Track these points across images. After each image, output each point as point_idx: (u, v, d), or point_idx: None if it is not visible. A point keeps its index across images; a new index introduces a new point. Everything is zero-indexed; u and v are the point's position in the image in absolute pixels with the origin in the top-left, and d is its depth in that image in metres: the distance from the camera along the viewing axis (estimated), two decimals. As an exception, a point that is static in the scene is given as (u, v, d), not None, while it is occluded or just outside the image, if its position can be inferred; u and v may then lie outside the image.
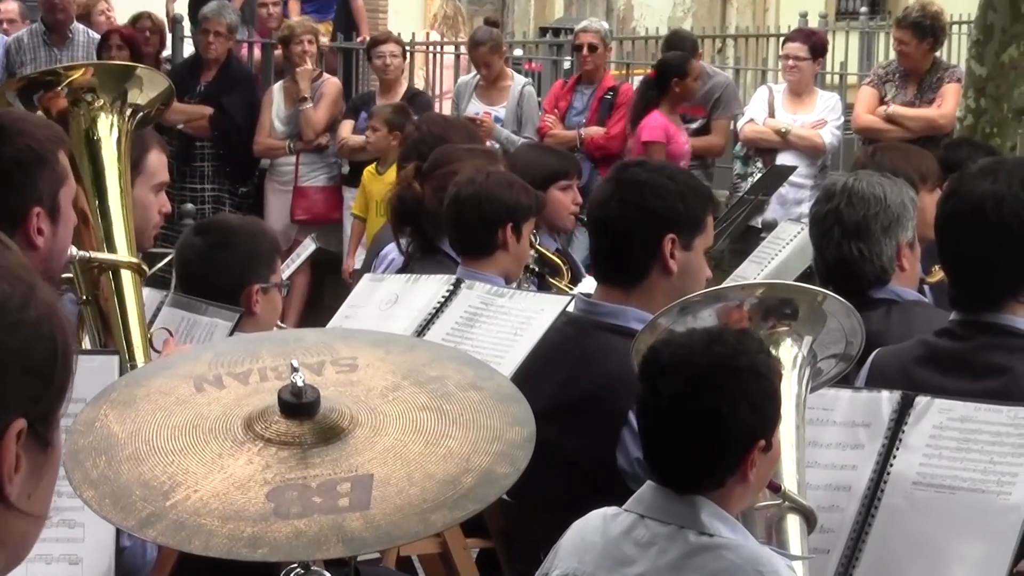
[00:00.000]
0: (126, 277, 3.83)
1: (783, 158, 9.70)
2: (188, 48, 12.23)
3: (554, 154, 6.49)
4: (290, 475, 2.40)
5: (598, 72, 10.74)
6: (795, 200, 9.45)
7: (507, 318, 4.29)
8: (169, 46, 12.07)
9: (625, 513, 3.03)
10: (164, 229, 4.88)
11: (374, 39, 11.07)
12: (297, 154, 10.75)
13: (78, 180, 3.53)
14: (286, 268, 5.88)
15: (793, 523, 3.15)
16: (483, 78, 10.69)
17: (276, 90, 10.95)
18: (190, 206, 10.26)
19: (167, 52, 12.02)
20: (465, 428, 2.50)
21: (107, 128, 3.83)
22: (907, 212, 4.34)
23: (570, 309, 4.16)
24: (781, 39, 11.97)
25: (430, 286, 4.58)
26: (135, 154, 3.99)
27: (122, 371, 3.22)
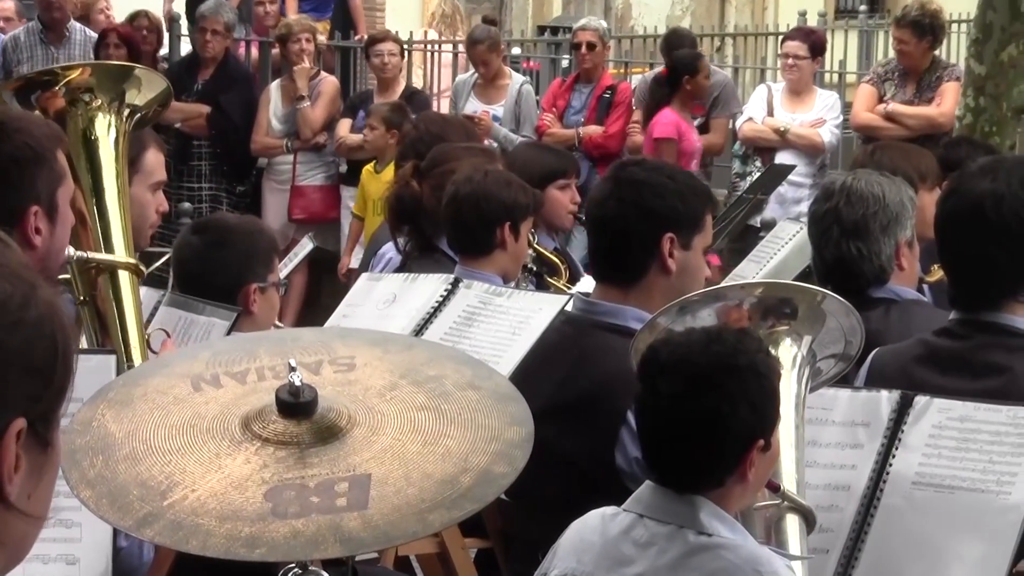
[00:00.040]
0: (123, 278, 3.82)
1: (782, 157, 9.69)
2: (185, 47, 12.22)
3: (552, 153, 6.49)
4: (288, 475, 2.39)
5: (596, 71, 10.74)
6: (794, 199, 9.44)
7: (505, 317, 4.28)
8: (166, 45, 12.06)
9: (624, 513, 3.02)
10: (161, 228, 4.87)
11: (372, 37, 11.06)
12: (295, 153, 10.74)
13: (76, 180, 3.52)
14: (284, 267, 5.86)
15: (792, 523, 3.15)
16: (481, 76, 10.68)
17: (273, 89, 10.93)
18: (187, 205, 10.24)
19: (164, 51, 12.01)
20: (463, 428, 2.50)
21: (105, 128, 3.82)
22: (906, 211, 4.34)
23: (568, 308, 4.15)
24: (780, 38, 11.96)
25: (428, 285, 4.57)
26: (132, 153, 3.98)
27: (119, 372, 3.21)
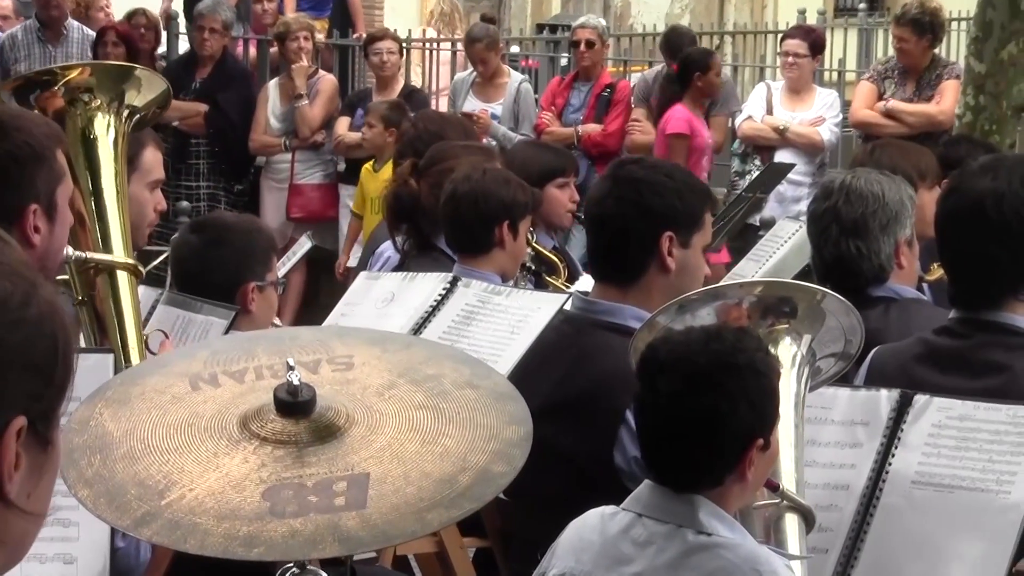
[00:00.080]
0: (122, 278, 3.81)
1: (781, 155, 9.69)
2: (183, 45, 12.22)
3: (551, 151, 6.48)
4: (286, 474, 2.39)
5: (595, 69, 10.73)
6: (793, 198, 9.43)
7: (504, 316, 4.27)
8: (164, 43, 12.05)
9: (623, 512, 3.01)
10: (159, 227, 4.86)
11: (371, 36, 11.05)
12: (293, 151, 10.73)
13: (75, 180, 3.51)
14: (282, 266, 5.87)
15: (791, 522, 3.14)
16: (480, 75, 10.67)
17: (272, 87, 10.93)
18: (185, 204, 10.23)
19: (162, 49, 12.00)
20: (462, 427, 2.49)
21: (104, 128, 3.81)
22: (905, 210, 4.33)
23: (567, 307, 4.15)
24: (779, 36, 11.96)
25: (427, 284, 4.57)
26: (130, 151, 3.97)
27: (117, 372, 3.21)
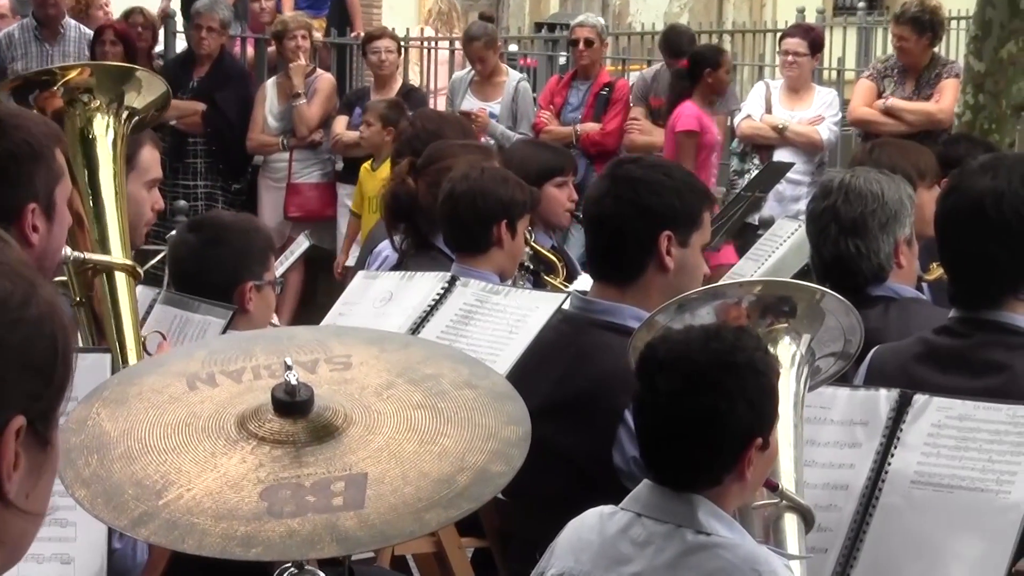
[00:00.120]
0: (120, 279, 3.80)
1: (780, 154, 9.68)
2: (181, 44, 12.20)
3: (549, 150, 6.48)
4: (284, 474, 2.38)
5: (594, 68, 10.73)
6: (792, 197, 9.43)
7: (502, 316, 4.27)
8: (161, 42, 12.04)
9: (621, 512, 3.01)
10: (157, 226, 4.85)
11: (369, 34, 11.05)
12: (290, 150, 10.72)
13: (73, 181, 3.50)
14: (279, 265, 5.85)
15: (791, 522, 3.13)
16: (478, 74, 10.66)
17: (269, 86, 10.92)
18: (183, 203, 10.23)
19: (159, 48, 11.99)
20: (460, 426, 2.48)
21: (103, 129, 3.80)
22: (905, 209, 4.33)
23: (566, 307, 4.14)
24: (778, 35, 11.95)
25: (425, 283, 4.56)
26: (128, 150, 3.96)
27: (114, 373, 3.20)
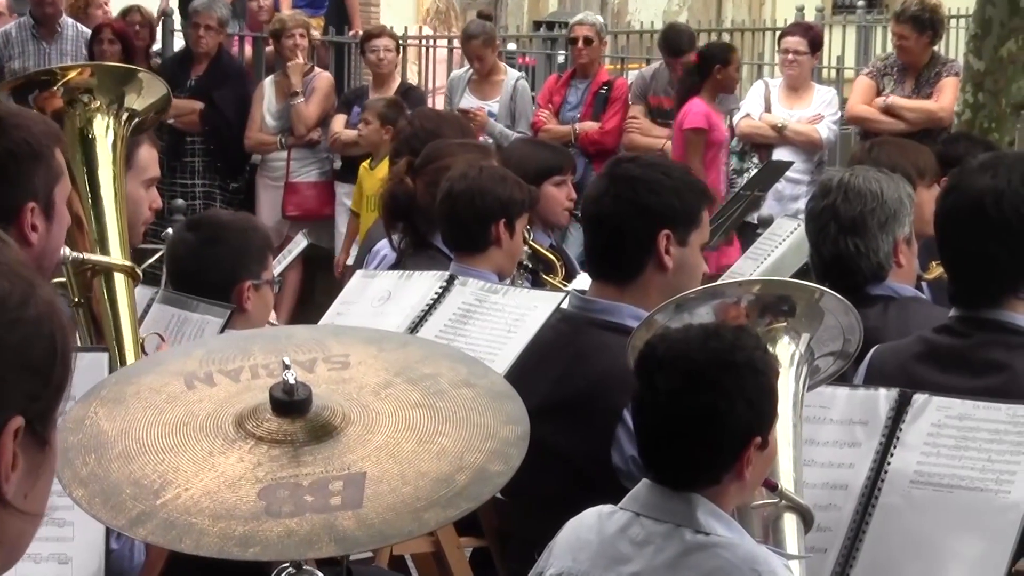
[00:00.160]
0: (119, 280, 3.79)
1: (779, 153, 9.68)
2: (178, 42, 12.19)
3: (548, 149, 6.48)
4: (282, 473, 2.38)
5: (592, 66, 10.72)
6: (791, 196, 9.43)
7: (501, 315, 4.26)
8: (159, 40, 12.04)
9: (620, 511, 3.00)
10: (154, 225, 4.84)
11: (367, 33, 11.05)
12: (288, 149, 10.72)
13: (72, 181, 3.49)
14: (278, 264, 5.85)
15: (790, 522, 3.13)
16: (476, 72, 10.65)
17: (267, 85, 10.92)
18: (180, 202, 10.22)
19: (157, 46, 11.98)
20: (458, 426, 2.48)
21: (103, 130, 3.79)
22: (904, 208, 4.32)
23: (564, 306, 4.14)
24: (777, 33, 11.94)
25: (423, 282, 4.56)
26: (126, 149, 3.96)
27: (112, 372, 3.19)
